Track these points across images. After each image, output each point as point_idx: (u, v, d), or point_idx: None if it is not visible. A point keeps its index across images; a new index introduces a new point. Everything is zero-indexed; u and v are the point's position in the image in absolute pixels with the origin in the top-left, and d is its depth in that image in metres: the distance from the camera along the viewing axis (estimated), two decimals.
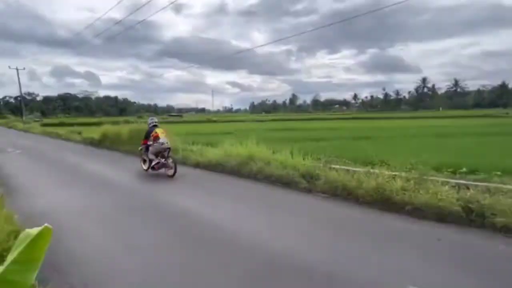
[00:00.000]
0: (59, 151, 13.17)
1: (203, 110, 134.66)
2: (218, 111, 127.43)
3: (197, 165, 8.44)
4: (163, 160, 7.20)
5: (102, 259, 3.13)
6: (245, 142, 8.18)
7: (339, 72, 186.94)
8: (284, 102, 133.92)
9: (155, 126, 7.74)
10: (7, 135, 23.35)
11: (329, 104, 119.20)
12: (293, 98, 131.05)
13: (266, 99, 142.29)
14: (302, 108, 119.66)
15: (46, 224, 1.22)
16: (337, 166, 6.31)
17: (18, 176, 7.54)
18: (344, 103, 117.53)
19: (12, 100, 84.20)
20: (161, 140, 7.15)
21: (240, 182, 6.69)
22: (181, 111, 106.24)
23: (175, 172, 7.03)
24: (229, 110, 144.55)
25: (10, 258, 1.12)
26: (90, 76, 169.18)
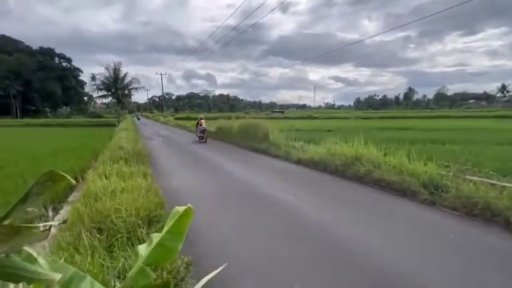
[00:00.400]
0: (186, 140, 16.05)
1: (304, 107, 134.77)
2: (319, 107, 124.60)
3: (298, 162, 8.50)
4: (202, 135, 14.52)
5: (221, 237, 3.57)
6: (350, 141, 7.62)
7: (477, 57, 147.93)
8: (396, 97, 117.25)
9: (201, 119, 15.16)
10: (153, 127, 30.34)
11: (461, 99, 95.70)
12: (409, 93, 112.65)
13: (375, 94, 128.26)
14: (420, 104, 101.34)
15: (188, 205, 1.46)
16: (475, 178, 4.99)
17: (160, 158, 9.65)
18: (484, 97, 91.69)
19: (156, 99, 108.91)
20: (200, 127, 14.65)
21: (345, 184, 6.29)
22: (282, 108, 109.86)
23: (205, 141, 14.29)
24: (331, 106, 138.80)
25: (165, 228, 1.41)
26: (209, 77, 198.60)
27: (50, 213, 5.13)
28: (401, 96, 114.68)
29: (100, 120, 42.98)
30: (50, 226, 0.63)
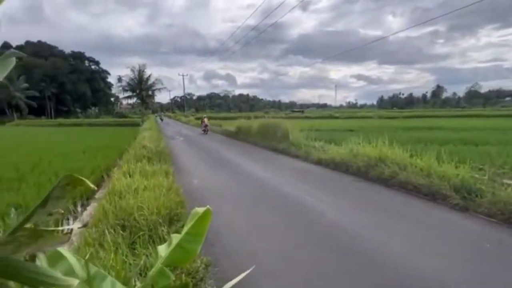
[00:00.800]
0: (206, 139, 16.30)
1: (324, 106, 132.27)
2: (340, 107, 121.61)
3: (319, 162, 8.32)
4: (204, 129, 19.06)
5: (240, 237, 3.57)
6: (374, 141, 7.33)
7: None
8: (424, 96, 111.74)
9: (204, 117, 20.07)
10: (175, 126, 31.15)
11: (496, 97, 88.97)
12: (438, 90, 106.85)
13: (400, 93, 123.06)
14: (450, 103, 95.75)
15: (207, 206, 1.45)
16: None
17: (182, 157, 9.87)
18: None
19: (178, 99, 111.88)
20: (203, 123, 19.39)
21: (367, 186, 6.06)
22: (302, 107, 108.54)
23: (207, 133, 18.45)
24: (353, 106, 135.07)
25: (185, 229, 1.40)
26: (229, 78, 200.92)
27: (79, 209, 5.42)
28: (429, 94, 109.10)
29: (125, 120, 44.91)
30: (72, 230, 0.64)
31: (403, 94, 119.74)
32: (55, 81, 55.55)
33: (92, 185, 0.62)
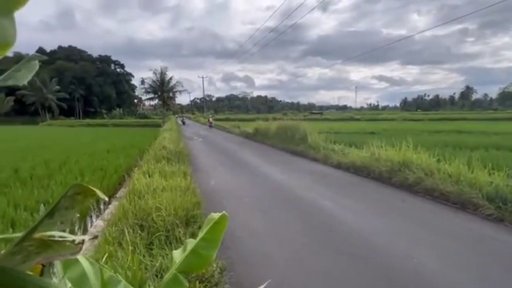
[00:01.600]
0: (224, 140, 16.45)
1: (344, 108, 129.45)
2: (361, 108, 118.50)
3: (338, 166, 8.09)
4: (211, 125, 28.09)
5: (256, 241, 3.52)
6: (397, 145, 7.02)
7: None
8: (451, 97, 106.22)
9: (211, 116, 33.12)
10: (194, 127, 31.75)
11: None
12: (467, 91, 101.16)
13: (425, 94, 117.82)
14: (480, 104, 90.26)
15: (223, 212, 1.42)
16: None
17: (200, 158, 10.00)
18: None
19: (198, 101, 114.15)
20: (210, 121, 29.26)
21: (390, 192, 5.80)
22: (321, 109, 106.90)
23: (211, 127, 27.53)
24: (374, 108, 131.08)
25: (200, 235, 1.38)
26: (247, 79, 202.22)
27: (102, 207, 5.62)
28: (457, 96, 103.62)
29: (147, 120, 46.48)
30: (84, 241, 0.62)
31: (428, 96, 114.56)
32: (83, 84, 58.66)
33: (103, 196, 0.59)
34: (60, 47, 66.14)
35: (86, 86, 59.32)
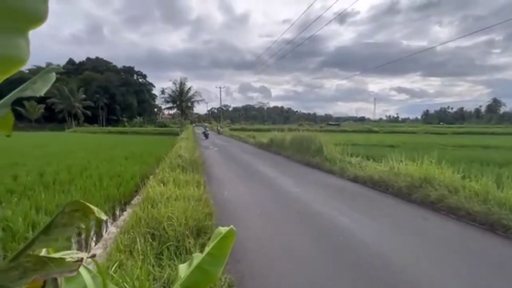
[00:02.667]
0: (239, 150, 16.50)
1: (362, 119, 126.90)
2: (380, 120, 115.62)
3: (355, 180, 7.84)
4: (219, 131, 36.60)
5: (267, 256, 3.43)
6: (418, 160, 6.72)
7: None
8: (477, 110, 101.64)
9: (220, 127, 41.09)
10: (210, 136, 32.21)
11: None
12: (494, 104, 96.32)
13: (448, 107, 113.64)
14: (509, 118, 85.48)
15: (231, 226, 1.38)
16: None
17: (214, 167, 10.06)
18: None
19: (215, 110, 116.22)
20: (218, 129, 39.63)
21: (410, 209, 5.51)
22: (338, 120, 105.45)
23: (219, 133, 34.79)
24: (394, 120, 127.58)
25: (206, 249, 1.35)
26: (263, 90, 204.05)
27: (117, 212, 5.73)
28: (483, 109, 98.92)
29: (165, 129, 47.78)
30: (82, 259, 0.61)
31: (452, 108, 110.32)
32: (107, 93, 61.63)
33: (102, 214, 0.58)
34: (88, 59, 70.37)
35: (109, 95, 62.27)
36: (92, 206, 0.56)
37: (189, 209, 3.69)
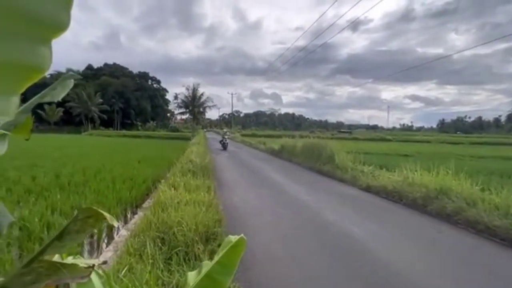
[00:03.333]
0: (249, 156, 16.50)
1: (375, 127, 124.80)
2: (393, 129, 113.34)
3: (367, 189, 7.66)
4: (226, 136, 23.92)
5: (277, 265, 3.37)
6: (434, 170, 6.51)
7: None
8: (496, 120, 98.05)
9: (226, 132, 25.23)
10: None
11: None
12: None
13: (465, 116, 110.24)
14: None
15: (242, 235, 1.36)
16: None
17: (224, 173, 10.09)
18: None
19: (226, 116, 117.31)
20: (227, 134, 25.20)
21: (426, 221, 5.31)
22: (350, 128, 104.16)
23: (228, 137, 24.27)
24: (408, 128, 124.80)
25: (216, 258, 1.33)
26: (275, 96, 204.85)
27: (128, 215, 5.81)
28: (503, 118, 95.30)
29: (178, 134, 48.51)
30: (94, 265, 0.61)
31: (469, 118, 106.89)
32: (122, 97, 63.43)
33: (114, 222, 0.58)
34: (105, 64, 72.84)
35: (125, 100, 64.04)
36: (104, 213, 0.56)
37: (199, 214, 3.69)
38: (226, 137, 20.38)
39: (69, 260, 0.73)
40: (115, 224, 0.59)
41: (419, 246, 4.12)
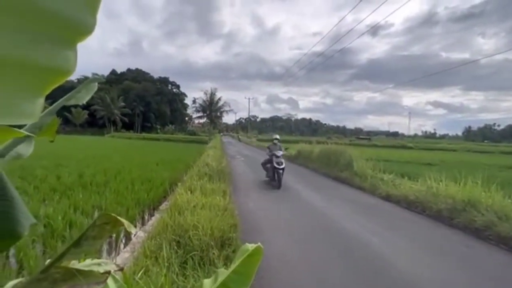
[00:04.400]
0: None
1: (395, 134, 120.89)
2: (415, 136, 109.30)
3: (387, 198, 7.37)
4: (239, 139, 31.41)
5: (292, 275, 3.29)
6: (461, 180, 6.16)
7: None
8: None
9: (239, 134, 33.63)
10: (237, 146, 32.62)
11: None
12: None
13: (494, 123, 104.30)
14: None
15: (259, 243, 1.32)
16: None
17: (241, 177, 10.09)
18: None
19: (243, 121, 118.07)
20: (239, 137, 32.25)
21: (452, 234, 5.00)
22: (369, 134, 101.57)
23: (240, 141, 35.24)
24: (430, 135, 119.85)
25: (232, 266, 1.30)
26: (291, 102, 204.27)
27: (146, 217, 5.91)
28: None
29: (195, 137, 49.40)
30: (110, 271, 0.60)
31: (498, 126, 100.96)
32: (143, 101, 65.68)
33: (132, 229, 0.56)
34: (128, 69, 75.93)
35: (145, 104, 66.28)
36: (122, 220, 0.55)
37: (214, 219, 3.68)
38: (277, 153, 8.60)
39: (87, 262, 0.72)
40: (133, 230, 0.57)
41: (445, 260, 3.87)
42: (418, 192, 6.71)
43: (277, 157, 7.95)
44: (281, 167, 7.84)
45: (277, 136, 8.52)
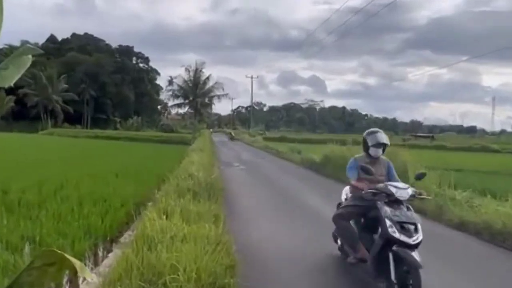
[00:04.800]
0: (276, 173, 16.45)
1: (473, 130, 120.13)
2: (502, 133, 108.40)
3: (460, 226, 7.35)
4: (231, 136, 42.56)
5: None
6: None
7: None
8: None
9: (232, 132, 41.78)
10: (234, 148, 32.79)
11: None
12: None
13: None
14: None
15: None
16: None
17: (239, 195, 10.13)
18: None
19: (243, 110, 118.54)
20: (231, 133, 41.71)
21: None
22: (432, 130, 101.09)
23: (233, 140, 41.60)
24: None
25: None
26: (314, 82, 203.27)
27: (100, 253, 5.97)
28: None
29: (172, 135, 49.82)
30: None
31: None
32: (96, 82, 66.35)
33: (87, 274, 0.56)
34: (74, 35, 76.70)
35: (99, 85, 66.91)
36: (73, 259, 0.55)
37: (202, 257, 3.69)
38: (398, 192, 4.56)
39: None
40: (89, 277, 0.57)
41: None
42: (508, 218, 6.69)
43: (398, 204, 4.47)
44: (416, 242, 4.04)
45: (384, 139, 4.66)
